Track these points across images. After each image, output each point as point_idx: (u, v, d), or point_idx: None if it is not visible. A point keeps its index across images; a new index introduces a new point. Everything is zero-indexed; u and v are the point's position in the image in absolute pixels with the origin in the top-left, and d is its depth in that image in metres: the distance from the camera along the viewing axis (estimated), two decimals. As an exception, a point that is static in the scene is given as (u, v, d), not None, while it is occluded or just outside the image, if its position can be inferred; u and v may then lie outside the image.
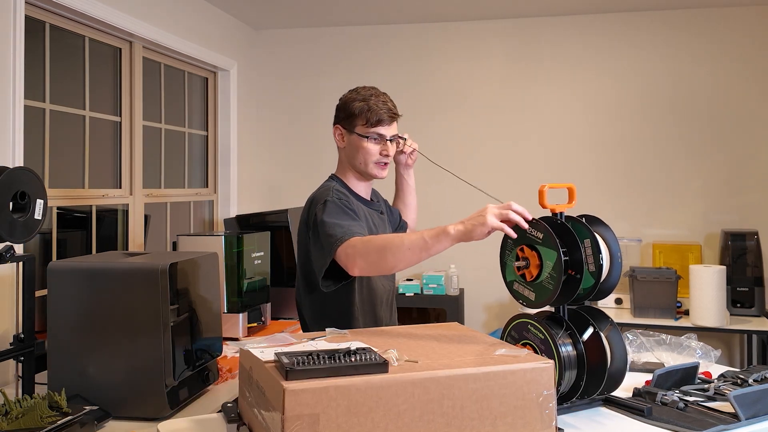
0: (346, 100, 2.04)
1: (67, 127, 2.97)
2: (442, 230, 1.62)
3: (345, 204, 1.90)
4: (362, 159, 2.01)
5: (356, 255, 1.71)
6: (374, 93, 2.02)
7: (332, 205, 1.88)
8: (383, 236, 1.76)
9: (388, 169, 2.07)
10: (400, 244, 1.65)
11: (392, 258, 1.67)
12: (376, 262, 1.69)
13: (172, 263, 1.79)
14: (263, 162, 4.63)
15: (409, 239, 1.65)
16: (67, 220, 2.95)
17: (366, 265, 1.71)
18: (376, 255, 1.68)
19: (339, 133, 2.06)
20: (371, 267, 1.71)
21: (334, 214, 1.85)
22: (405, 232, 1.97)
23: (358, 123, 2.00)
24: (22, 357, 1.94)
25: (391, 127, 2.03)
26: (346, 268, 1.75)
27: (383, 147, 2.01)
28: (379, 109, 1.98)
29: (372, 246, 1.70)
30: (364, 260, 1.70)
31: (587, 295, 1.61)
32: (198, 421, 1.51)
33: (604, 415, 1.57)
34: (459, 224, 1.61)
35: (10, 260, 1.88)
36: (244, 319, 2.86)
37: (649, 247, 4.08)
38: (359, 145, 2.01)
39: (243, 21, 4.41)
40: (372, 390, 1.15)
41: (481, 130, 4.38)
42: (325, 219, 1.84)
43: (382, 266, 1.70)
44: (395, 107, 2.04)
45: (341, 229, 1.79)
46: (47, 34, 2.79)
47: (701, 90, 4.09)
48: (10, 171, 1.83)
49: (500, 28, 4.35)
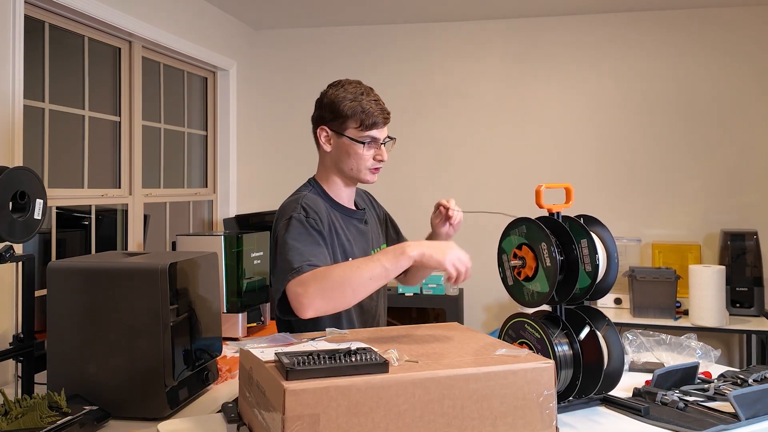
0: (333, 99, 1.83)
1: (67, 126, 2.96)
2: (400, 252, 1.55)
3: (311, 224, 1.73)
4: (354, 164, 1.84)
5: (307, 296, 1.54)
6: (363, 90, 1.84)
7: (296, 224, 1.71)
8: (337, 270, 1.58)
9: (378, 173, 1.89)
10: (360, 276, 1.54)
11: (352, 294, 1.55)
12: (334, 300, 1.56)
13: (171, 263, 1.78)
14: (262, 162, 4.63)
15: (369, 269, 1.54)
16: (67, 219, 2.95)
17: (322, 305, 1.55)
18: (333, 292, 1.54)
19: (325, 136, 1.86)
20: (328, 306, 1.56)
21: (296, 235, 1.69)
22: (354, 259, 1.69)
23: (350, 125, 1.81)
24: (21, 357, 1.93)
25: (384, 129, 1.86)
26: (296, 311, 1.57)
27: (377, 151, 1.84)
28: (373, 111, 1.81)
29: (328, 283, 1.55)
30: (319, 300, 1.54)
31: (584, 295, 1.61)
32: (198, 421, 1.51)
33: (602, 415, 1.57)
34: (418, 247, 1.55)
35: (10, 260, 1.88)
36: (243, 319, 2.86)
37: (649, 247, 4.09)
38: (351, 149, 1.82)
39: (243, 21, 4.41)
40: (372, 390, 1.15)
41: (481, 130, 4.37)
42: (287, 239, 1.68)
43: (341, 304, 1.58)
44: (386, 106, 1.88)
45: (299, 257, 1.63)
46: (47, 33, 2.79)
47: (701, 90, 4.09)
48: (10, 171, 1.83)
49: (500, 28, 4.35)
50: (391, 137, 1.90)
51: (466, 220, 1.99)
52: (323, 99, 1.87)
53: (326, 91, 1.88)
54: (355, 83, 1.86)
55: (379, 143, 1.85)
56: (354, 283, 1.55)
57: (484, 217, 4.30)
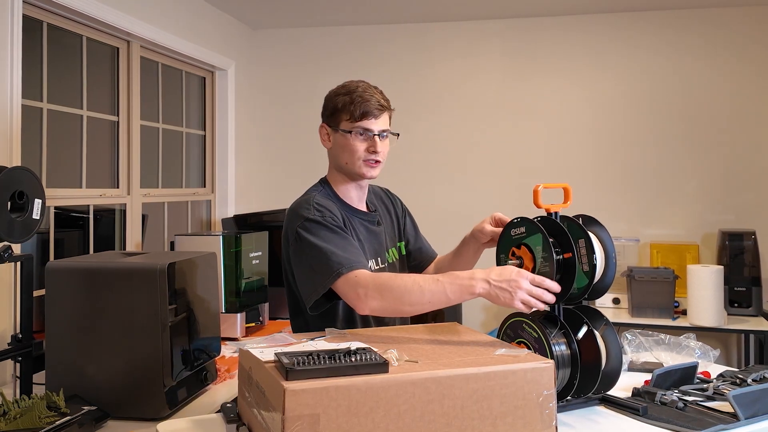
0: (330, 96, 1.86)
1: (65, 126, 2.96)
2: (468, 288, 1.52)
3: (329, 222, 1.73)
4: (348, 157, 1.82)
5: (368, 295, 1.58)
6: (361, 86, 1.83)
7: (316, 226, 1.71)
8: (399, 280, 1.59)
9: (380, 168, 1.85)
10: (420, 293, 1.54)
11: (410, 307, 1.57)
12: (391, 307, 1.58)
13: (170, 263, 1.78)
14: (261, 162, 4.63)
15: (431, 291, 1.54)
16: (65, 219, 2.94)
17: (380, 307, 1.58)
18: (392, 300, 1.57)
19: (325, 133, 1.87)
20: (385, 310, 1.60)
21: (323, 236, 1.69)
22: (421, 275, 1.67)
23: (342, 118, 1.81)
24: (20, 357, 1.93)
25: (380, 120, 1.81)
26: (354, 305, 1.62)
27: (371, 143, 1.80)
28: (364, 101, 1.78)
29: (388, 289, 1.57)
30: (378, 302, 1.58)
31: (582, 295, 1.61)
32: (197, 421, 1.51)
33: (600, 414, 1.57)
34: (485, 284, 1.51)
35: (9, 260, 1.87)
36: (242, 319, 2.86)
37: (647, 246, 4.09)
38: (344, 142, 1.81)
39: (241, 20, 4.40)
40: (372, 390, 1.15)
41: (480, 129, 4.37)
42: (315, 242, 1.68)
43: (396, 312, 1.61)
44: (386, 100, 1.85)
45: (340, 256, 1.65)
46: (45, 33, 2.79)
47: (699, 90, 4.10)
48: (9, 171, 1.83)
49: (499, 28, 4.35)
50: (392, 132, 1.87)
51: (465, 218, 1.98)
52: (325, 98, 1.89)
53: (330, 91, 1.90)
54: (357, 81, 1.86)
55: (373, 135, 1.81)
56: (413, 299, 1.56)
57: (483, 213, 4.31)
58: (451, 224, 3.28)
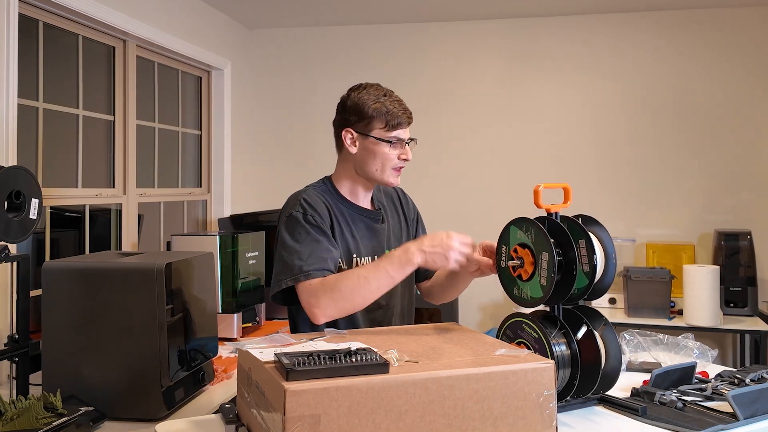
0: (357, 101, 1.86)
1: (61, 126, 2.95)
2: (406, 261, 1.67)
3: (309, 221, 1.78)
4: (380, 165, 1.86)
5: (320, 304, 1.68)
6: (385, 92, 1.89)
7: (294, 223, 1.79)
8: (344, 279, 1.69)
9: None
10: (367, 284, 1.66)
11: (362, 301, 1.69)
12: (345, 307, 1.69)
13: (167, 263, 1.77)
14: (257, 161, 4.62)
15: (375, 278, 1.67)
16: (60, 219, 2.93)
17: (335, 311, 1.69)
18: (343, 301, 1.68)
19: (351, 138, 1.88)
20: (340, 311, 1.70)
21: (297, 236, 1.77)
22: (362, 266, 1.77)
23: (375, 126, 1.85)
24: (16, 357, 1.92)
25: (407, 129, 1.92)
26: (309, 315, 1.72)
27: (402, 151, 1.88)
28: (397, 111, 1.85)
29: (336, 291, 1.67)
30: (332, 308, 1.68)
31: (581, 295, 1.61)
32: (196, 422, 1.50)
33: (600, 414, 1.57)
34: (419, 252, 1.66)
35: (5, 260, 1.86)
36: (238, 319, 2.85)
37: (643, 247, 4.10)
38: (377, 150, 1.85)
39: (237, 20, 4.39)
40: (373, 391, 1.15)
41: (479, 129, 4.38)
42: (287, 240, 1.78)
43: (352, 309, 1.71)
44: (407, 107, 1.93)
45: (303, 261, 1.73)
46: (41, 32, 2.77)
47: (696, 90, 4.11)
48: (5, 170, 1.82)
49: (498, 28, 4.35)
50: (412, 138, 1.94)
51: (463, 216, 1.98)
52: (346, 102, 1.90)
53: (348, 94, 1.91)
54: (375, 86, 1.90)
55: (404, 143, 1.90)
56: (363, 292, 1.68)
57: (481, 214, 4.32)
58: (448, 225, 3.28)
